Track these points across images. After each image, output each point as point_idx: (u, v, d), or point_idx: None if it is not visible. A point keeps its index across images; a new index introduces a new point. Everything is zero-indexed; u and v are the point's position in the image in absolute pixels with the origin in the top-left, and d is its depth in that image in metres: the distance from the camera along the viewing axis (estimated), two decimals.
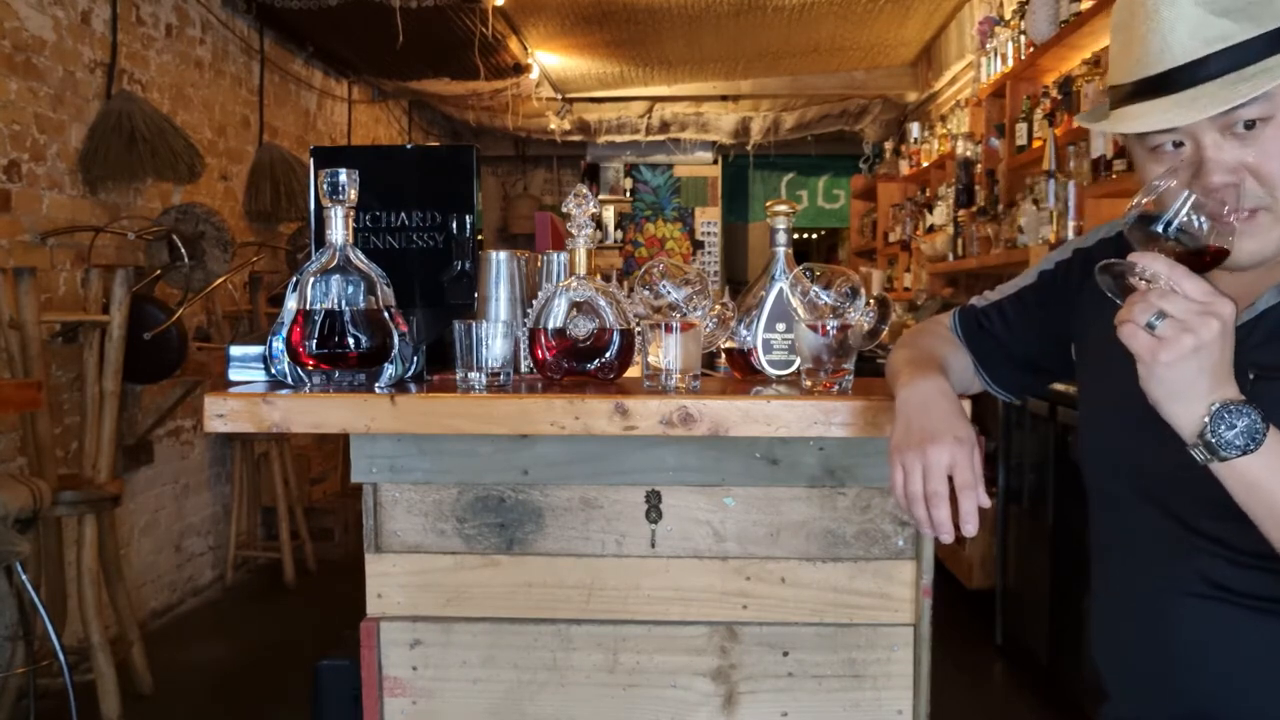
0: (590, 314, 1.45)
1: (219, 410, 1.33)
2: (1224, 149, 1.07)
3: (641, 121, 8.77)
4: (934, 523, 1.12)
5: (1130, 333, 0.96)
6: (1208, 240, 0.98)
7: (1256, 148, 1.06)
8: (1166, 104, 1.07)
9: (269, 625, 4.62)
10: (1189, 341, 0.93)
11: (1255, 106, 1.05)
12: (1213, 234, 0.98)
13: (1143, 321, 0.95)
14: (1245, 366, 1.03)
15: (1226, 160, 1.06)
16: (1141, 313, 0.95)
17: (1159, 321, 0.94)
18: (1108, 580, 1.25)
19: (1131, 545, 1.19)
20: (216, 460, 5.26)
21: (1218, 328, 0.94)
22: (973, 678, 3.97)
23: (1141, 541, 1.17)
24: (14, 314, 3.31)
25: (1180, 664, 1.13)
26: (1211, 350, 0.94)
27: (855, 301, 1.34)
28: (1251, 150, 1.06)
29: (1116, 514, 1.21)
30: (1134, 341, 0.96)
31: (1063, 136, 4.18)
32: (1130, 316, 0.96)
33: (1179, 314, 0.94)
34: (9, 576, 3.18)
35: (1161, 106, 1.07)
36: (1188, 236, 0.98)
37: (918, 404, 1.19)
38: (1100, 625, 1.27)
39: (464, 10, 5.75)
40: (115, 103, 4.27)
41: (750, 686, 1.45)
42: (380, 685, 1.46)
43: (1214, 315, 0.94)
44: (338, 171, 1.38)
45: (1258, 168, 1.06)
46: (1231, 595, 1.08)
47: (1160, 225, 0.99)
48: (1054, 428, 3.54)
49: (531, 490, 1.45)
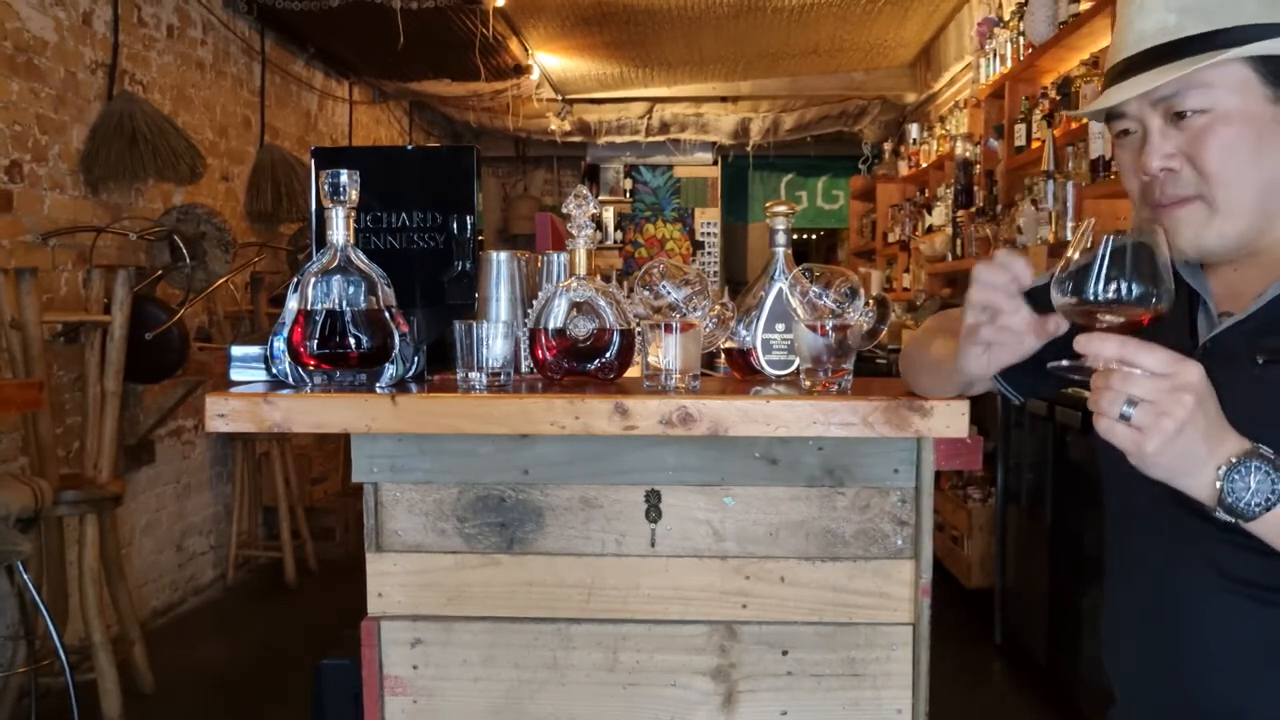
0: (590, 314, 1.45)
1: (220, 410, 1.34)
2: (1167, 136, 1.12)
3: (641, 122, 8.77)
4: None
5: (1107, 428, 0.93)
6: (1140, 294, 0.95)
7: (1193, 136, 1.11)
8: (1115, 89, 1.14)
9: (270, 625, 4.63)
10: (1169, 425, 0.91)
11: (1195, 97, 1.10)
12: (1145, 281, 0.95)
13: (1114, 414, 0.92)
14: (1255, 353, 1.05)
15: (1165, 146, 1.12)
16: (1110, 404, 0.92)
17: (1131, 410, 0.92)
18: (1119, 578, 1.25)
19: (1144, 540, 1.19)
20: (218, 460, 5.26)
21: (1191, 402, 0.91)
22: (972, 677, 3.98)
23: (1154, 535, 1.17)
24: (15, 314, 3.32)
25: (1195, 659, 1.13)
26: (1196, 421, 0.92)
27: (854, 302, 1.35)
28: (1188, 139, 1.11)
29: (1130, 510, 1.22)
30: (1113, 437, 0.93)
31: (1061, 137, 4.18)
32: (1101, 410, 0.93)
33: (1149, 396, 0.91)
34: (10, 576, 3.19)
35: (1113, 91, 1.14)
36: (1118, 299, 0.96)
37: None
38: (1111, 626, 1.27)
39: (464, 11, 5.75)
40: (117, 103, 4.27)
41: (750, 685, 1.46)
42: (381, 684, 1.47)
43: (1184, 389, 0.91)
44: (339, 172, 1.38)
45: (1193, 156, 1.11)
46: (1246, 587, 1.08)
47: (1090, 293, 0.96)
48: (1053, 428, 3.55)
49: (532, 490, 1.46)
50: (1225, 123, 1.10)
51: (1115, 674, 1.27)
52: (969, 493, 4.77)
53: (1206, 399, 0.93)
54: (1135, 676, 1.23)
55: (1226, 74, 1.09)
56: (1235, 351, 1.10)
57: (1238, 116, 1.10)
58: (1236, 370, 1.08)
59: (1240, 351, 1.09)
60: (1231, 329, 1.12)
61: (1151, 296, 0.96)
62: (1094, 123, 3.76)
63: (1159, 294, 0.96)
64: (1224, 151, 1.10)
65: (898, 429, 1.31)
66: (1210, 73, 1.09)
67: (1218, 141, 1.10)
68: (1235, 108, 1.10)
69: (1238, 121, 1.10)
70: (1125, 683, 1.25)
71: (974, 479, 4.81)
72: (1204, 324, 1.17)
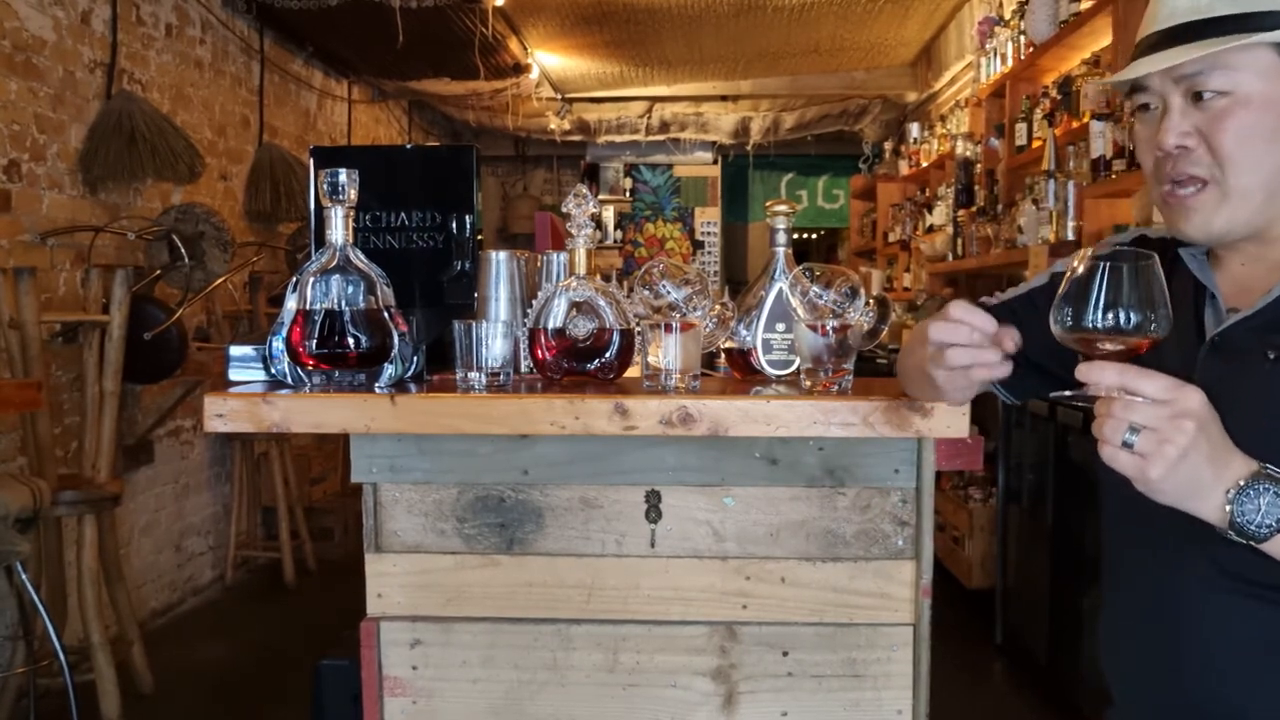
0: (590, 314, 1.45)
1: (219, 410, 1.33)
2: (1187, 114, 1.12)
3: (641, 122, 8.77)
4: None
5: (1111, 455, 0.94)
6: (1138, 322, 0.97)
7: (1212, 118, 1.11)
8: (1140, 62, 1.14)
9: (269, 625, 4.62)
10: (1171, 452, 0.92)
11: (1217, 78, 1.10)
12: (1142, 308, 0.96)
13: (1117, 442, 0.93)
14: (1265, 348, 1.06)
15: (1183, 125, 1.12)
16: (1113, 432, 0.93)
17: (1134, 438, 0.93)
18: (1117, 579, 1.25)
19: (1143, 540, 1.19)
20: (216, 460, 5.26)
21: (1192, 428, 0.92)
22: (972, 677, 3.97)
23: (1153, 535, 1.17)
24: (14, 314, 3.31)
25: (1194, 659, 1.12)
26: (1199, 446, 0.93)
27: (855, 301, 1.34)
28: (1207, 119, 1.11)
29: (1128, 511, 1.21)
30: (1117, 464, 0.94)
31: (1062, 136, 4.18)
32: (1104, 438, 0.94)
33: (1150, 423, 0.92)
34: (9, 576, 3.18)
35: (1139, 64, 1.14)
36: (1115, 328, 0.97)
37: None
38: (1110, 627, 1.27)
39: (464, 10, 5.75)
40: (115, 103, 4.27)
41: (750, 686, 1.45)
42: (380, 685, 1.46)
43: (1185, 416, 0.92)
44: (337, 171, 1.38)
45: (1208, 136, 1.11)
46: (1246, 586, 1.08)
47: (1088, 321, 0.97)
48: (1054, 428, 3.55)
49: (531, 490, 1.46)
50: (1244, 107, 1.10)
51: (1114, 675, 1.27)
52: (970, 493, 4.76)
53: (1209, 423, 0.94)
54: (1134, 677, 1.23)
55: (1252, 58, 1.09)
56: (1245, 347, 1.10)
57: (1258, 102, 1.10)
58: (1247, 365, 1.08)
59: (1250, 347, 1.09)
60: (1240, 324, 1.12)
61: (1150, 323, 0.97)
62: (1095, 122, 3.76)
63: (1156, 320, 0.97)
64: (1240, 136, 1.10)
65: (898, 429, 1.31)
66: (1236, 55, 1.09)
67: (1235, 125, 1.10)
68: (1257, 92, 1.09)
69: (1257, 107, 1.10)
70: (1124, 684, 1.25)
71: (975, 479, 4.81)
72: (1211, 318, 1.16)
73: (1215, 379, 1.05)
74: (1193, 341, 1.15)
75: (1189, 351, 1.13)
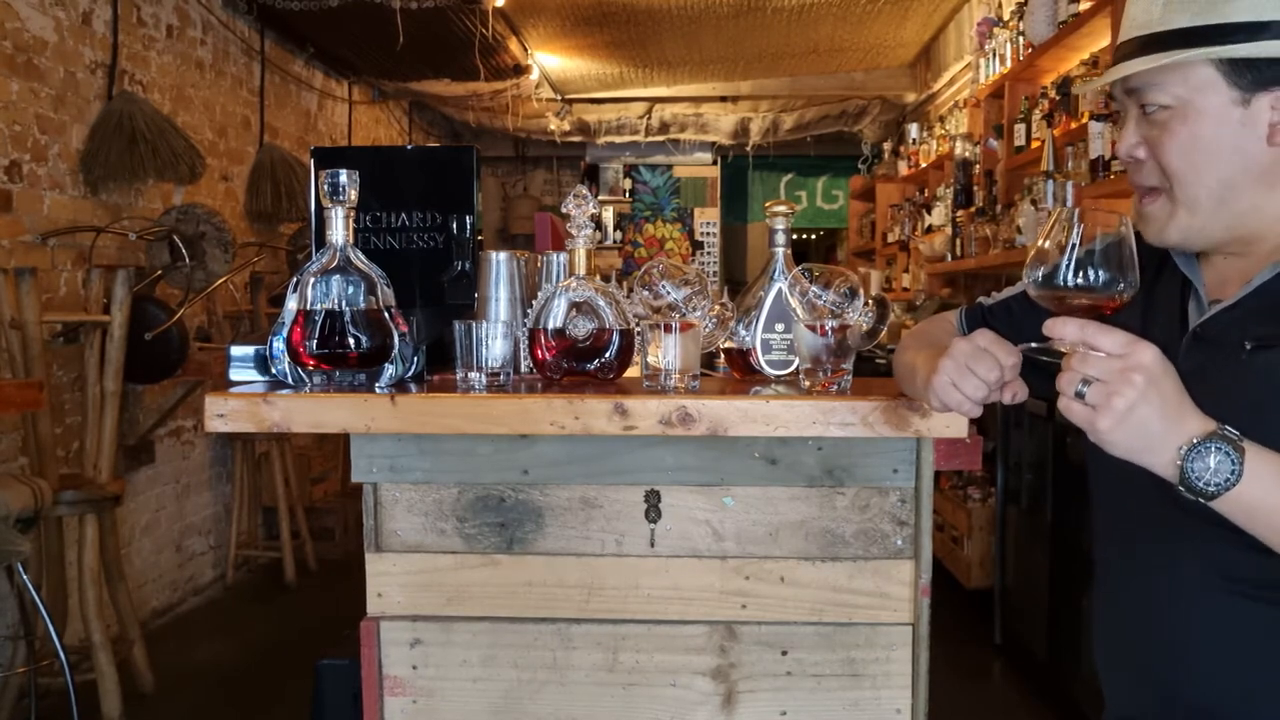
0: (590, 314, 1.45)
1: (220, 410, 1.34)
2: (1140, 125, 1.15)
3: (641, 122, 8.77)
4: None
5: (1065, 406, 0.97)
6: (1106, 280, 0.99)
7: (1156, 130, 1.14)
8: (1107, 73, 1.18)
9: (269, 625, 4.63)
10: (1119, 404, 0.94)
11: (1155, 93, 1.12)
12: (1112, 269, 0.99)
13: (1071, 392, 0.96)
14: (1242, 338, 1.07)
15: (1132, 136, 1.16)
16: (1068, 383, 0.96)
17: (1086, 389, 0.95)
18: (1112, 581, 1.25)
19: (1137, 540, 1.19)
20: (217, 460, 5.26)
21: (1142, 381, 0.94)
22: (972, 677, 3.98)
23: (1146, 536, 1.17)
24: (15, 314, 3.31)
25: (1192, 659, 1.13)
26: (1149, 400, 0.94)
27: (854, 302, 1.35)
28: (1152, 132, 1.14)
29: (1122, 508, 1.22)
30: (1070, 414, 0.97)
31: (1061, 137, 4.18)
32: (1060, 388, 0.97)
33: (1101, 375, 0.95)
34: (10, 576, 3.19)
35: (1106, 74, 1.18)
36: (1086, 285, 1.00)
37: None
38: (1105, 629, 1.27)
39: (464, 11, 5.75)
40: (116, 103, 4.27)
41: (749, 686, 1.46)
42: (380, 684, 1.47)
43: (1135, 370, 0.94)
44: (338, 172, 1.38)
45: (1154, 150, 1.14)
46: (1237, 584, 1.08)
47: (1060, 278, 1.00)
48: (1053, 428, 3.55)
49: (531, 490, 1.46)
50: (1182, 121, 1.11)
51: (1109, 676, 1.27)
52: (969, 493, 4.77)
53: (1161, 379, 0.95)
54: (1131, 678, 1.23)
55: (1190, 73, 1.10)
56: (1225, 337, 1.11)
57: (1194, 116, 1.11)
58: (1226, 355, 1.10)
59: (1229, 337, 1.10)
60: (1220, 315, 1.13)
61: (1118, 283, 0.99)
62: (1093, 123, 3.77)
63: (1125, 282, 1.00)
64: (1180, 149, 1.12)
65: (897, 429, 1.31)
66: (1174, 70, 1.11)
67: (1173, 139, 1.12)
68: (1195, 107, 1.11)
69: (1194, 121, 1.11)
70: (1120, 685, 1.25)
71: (974, 479, 4.81)
72: (1194, 311, 1.18)
73: (1197, 368, 1.07)
74: (1177, 333, 1.17)
75: (1173, 343, 1.14)
